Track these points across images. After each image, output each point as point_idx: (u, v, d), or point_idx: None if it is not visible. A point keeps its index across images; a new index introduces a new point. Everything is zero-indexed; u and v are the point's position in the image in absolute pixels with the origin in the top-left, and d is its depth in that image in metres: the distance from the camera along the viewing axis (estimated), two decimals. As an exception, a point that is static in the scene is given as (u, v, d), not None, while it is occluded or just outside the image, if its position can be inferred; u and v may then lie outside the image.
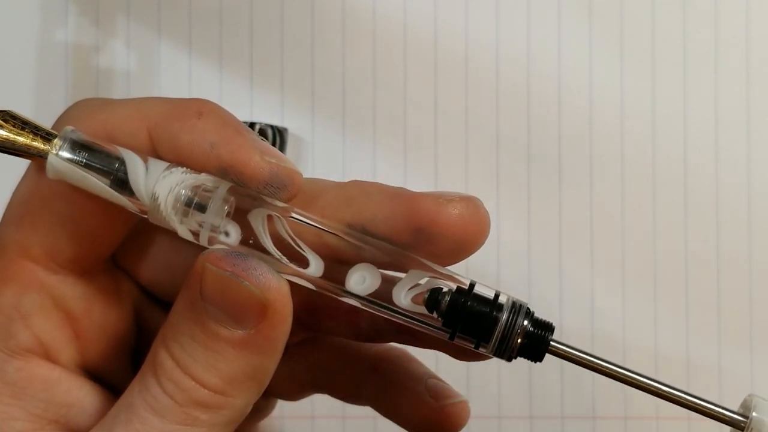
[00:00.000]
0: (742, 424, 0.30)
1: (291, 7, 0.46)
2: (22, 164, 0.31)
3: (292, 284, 0.30)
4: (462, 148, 0.46)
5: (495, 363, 0.43)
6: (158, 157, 0.29)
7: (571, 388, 0.46)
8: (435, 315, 0.29)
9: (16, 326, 0.29)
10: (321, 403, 0.39)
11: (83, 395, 0.31)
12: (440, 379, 0.34)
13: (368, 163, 0.46)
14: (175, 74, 0.46)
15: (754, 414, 0.30)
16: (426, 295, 0.29)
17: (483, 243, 0.29)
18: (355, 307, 0.31)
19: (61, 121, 0.30)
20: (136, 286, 0.33)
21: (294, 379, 0.36)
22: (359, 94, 0.46)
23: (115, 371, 0.32)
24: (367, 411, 0.45)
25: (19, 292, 0.30)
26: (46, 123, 0.30)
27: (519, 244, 0.46)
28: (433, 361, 0.35)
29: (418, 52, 0.46)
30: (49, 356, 0.30)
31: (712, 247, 0.46)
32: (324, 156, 0.47)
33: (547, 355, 0.29)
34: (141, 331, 0.33)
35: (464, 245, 0.29)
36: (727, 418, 0.30)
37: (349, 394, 0.35)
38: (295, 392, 0.37)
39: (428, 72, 0.46)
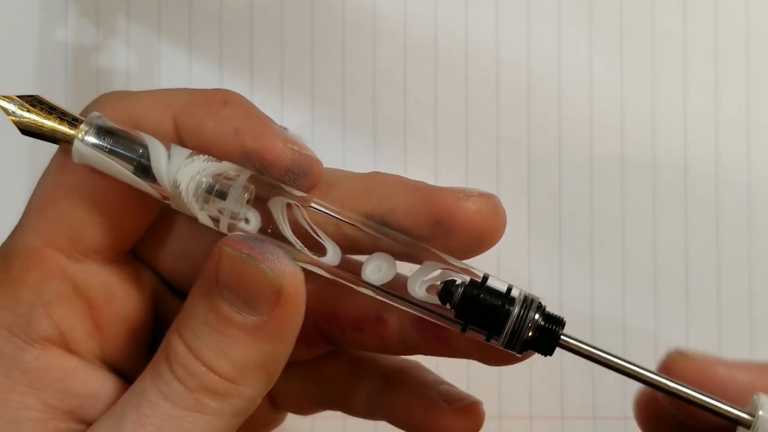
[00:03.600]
0: (749, 423, 0.30)
1: (291, 7, 0.46)
2: (32, 155, 0.31)
3: (318, 294, 0.31)
4: (462, 147, 0.46)
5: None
6: (182, 143, 0.29)
7: (571, 388, 0.46)
8: (448, 306, 0.29)
9: (37, 314, 0.30)
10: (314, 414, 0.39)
11: (99, 386, 0.31)
12: (452, 385, 0.34)
13: (368, 163, 0.46)
14: (175, 74, 0.46)
15: (760, 413, 0.30)
16: (440, 287, 0.29)
17: (499, 239, 0.29)
18: (381, 317, 0.31)
19: (87, 111, 0.30)
20: (156, 277, 0.33)
21: (306, 395, 0.36)
22: (359, 94, 0.46)
23: (133, 362, 0.32)
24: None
25: (42, 280, 0.30)
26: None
27: (519, 245, 0.46)
28: (433, 366, 0.35)
29: (418, 53, 0.46)
30: (67, 346, 0.30)
31: (712, 248, 0.46)
32: (324, 156, 0.46)
33: (548, 356, 0.29)
34: (159, 322, 0.33)
35: (481, 240, 0.29)
36: (733, 416, 0.30)
37: (362, 409, 0.35)
38: (306, 408, 0.37)
39: (428, 72, 0.46)
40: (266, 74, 0.46)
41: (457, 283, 0.29)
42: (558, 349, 0.43)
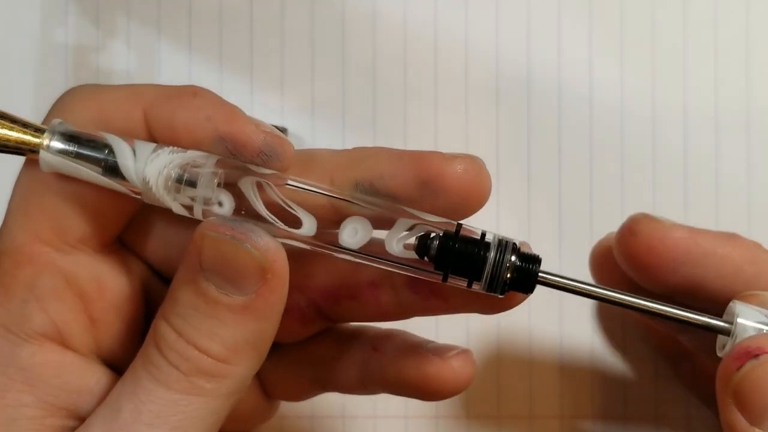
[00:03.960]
0: (729, 330, 0.31)
1: (291, 7, 0.46)
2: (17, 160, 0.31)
3: (309, 269, 0.32)
4: (462, 148, 0.46)
5: (494, 363, 0.43)
6: (152, 136, 0.30)
7: (570, 387, 0.46)
8: (425, 260, 0.29)
9: (32, 309, 0.30)
10: (321, 402, 0.39)
11: (94, 381, 0.31)
12: (439, 343, 0.35)
13: (368, 163, 0.46)
14: (175, 74, 0.46)
15: (738, 320, 0.31)
16: (415, 242, 0.30)
17: (485, 201, 0.30)
18: (374, 281, 0.32)
19: (55, 108, 0.31)
20: (145, 266, 0.33)
21: (297, 378, 0.36)
22: (359, 94, 0.46)
23: (126, 353, 0.32)
24: (367, 411, 0.45)
25: (33, 274, 0.30)
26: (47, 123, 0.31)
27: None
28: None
29: (418, 52, 0.46)
30: (63, 340, 0.31)
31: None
32: (324, 156, 0.47)
33: (529, 293, 0.30)
34: (149, 311, 0.33)
35: (469, 200, 0.30)
36: (714, 326, 0.31)
37: (355, 382, 0.36)
38: (298, 392, 0.37)
39: (428, 72, 0.46)
40: (266, 74, 0.46)
41: (431, 236, 0.29)
42: (556, 350, 0.43)
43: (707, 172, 0.46)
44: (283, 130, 0.46)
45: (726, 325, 0.31)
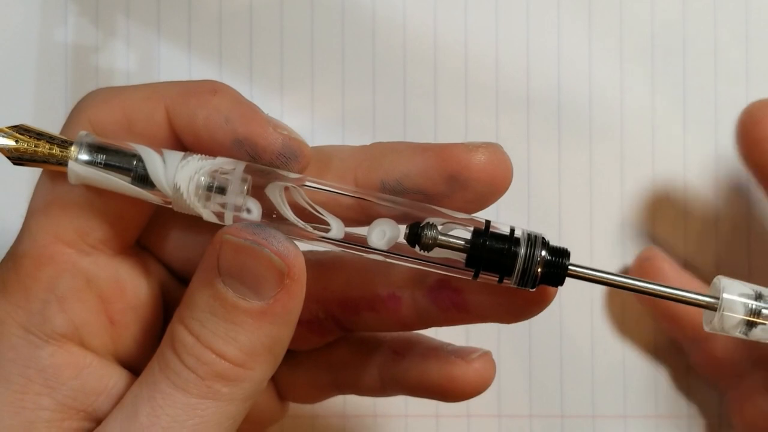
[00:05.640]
0: (715, 306, 0.31)
1: (291, 7, 0.46)
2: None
3: (329, 281, 0.32)
4: (462, 147, 0.46)
5: (494, 361, 0.43)
6: (174, 134, 0.30)
7: (571, 387, 0.46)
8: (418, 249, 0.29)
9: (52, 310, 0.30)
10: (352, 402, 0.39)
11: (112, 383, 0.31)
12: (459, 346, 0.35)
13: (368, 163, 0.46)
14: (175, 74, 0.46)
15: (724, 295, 0.31)
16: (406, 231, 0.30)
17: (508, 186, 0.30)
18: (394, 294, 0.32)
19: (78, 112, 0.31)
20: (163, 268, 0.33)
21: (316, 382, 0.36)
22: (359, 94, 0.46)
23: (143, 355, 0.32)
24: (368, 410, 0.45)
25: (54, 275, 0.30)
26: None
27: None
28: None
29: (417, 52, 0.46)
30: (82, 341, 0.31)
31: (711, 248, 0.46)
32: (324, 156, 0.46)
33: (559, 287, 0.30)
34: (167, 313, 0.33)
35: (495, 188, 0.30)
36: (700, 302, 0.32)
37: (375, 385, 0.36)
38: (314, 396, 0.37)
39: (428, 72, 0.46)
40: (266, 74, 0.46)
41: (421, 224, 0.29)
42: (557, 351, 0.43)
43: (707, 171, 0.46)
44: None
45: (713, 300, 0.31)
